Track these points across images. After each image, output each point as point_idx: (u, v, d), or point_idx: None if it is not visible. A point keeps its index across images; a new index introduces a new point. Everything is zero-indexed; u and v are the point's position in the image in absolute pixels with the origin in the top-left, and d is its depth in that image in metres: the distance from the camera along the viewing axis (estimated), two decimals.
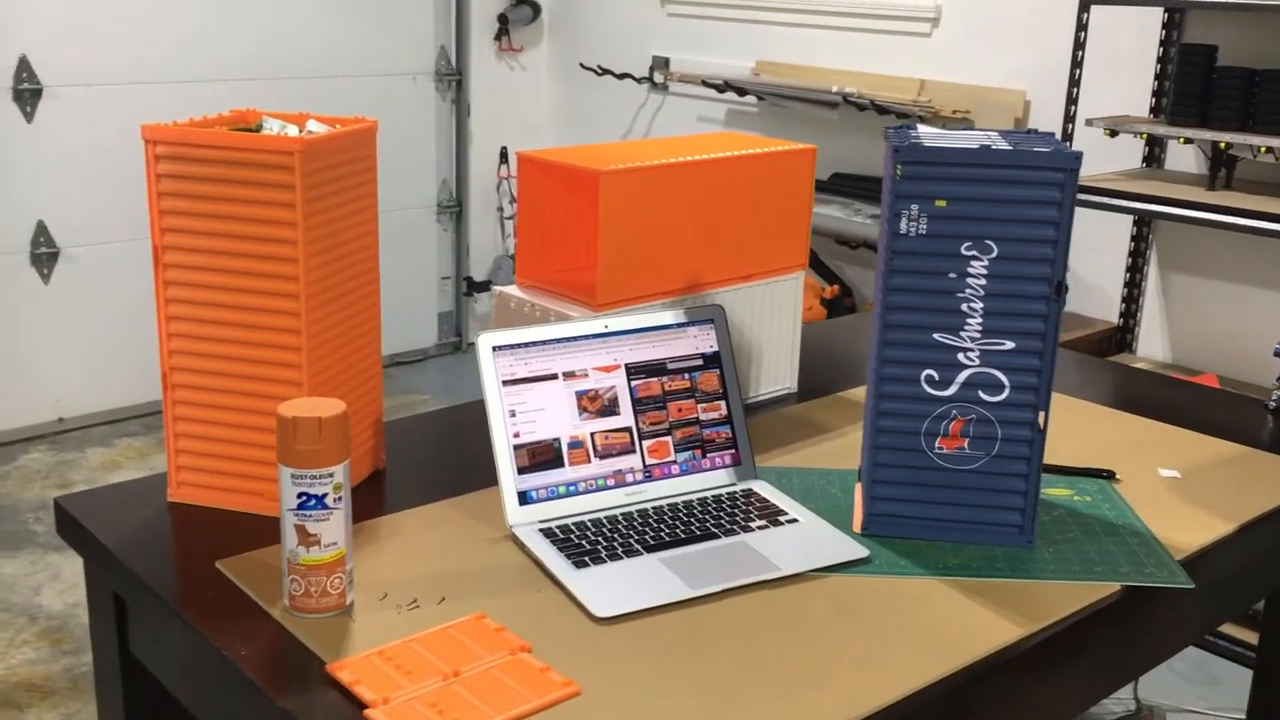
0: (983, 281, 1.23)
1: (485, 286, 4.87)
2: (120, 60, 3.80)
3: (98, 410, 3.94)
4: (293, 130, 1.34)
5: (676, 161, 1.55)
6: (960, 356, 1.26)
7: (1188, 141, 2.62)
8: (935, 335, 1.26)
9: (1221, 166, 2.64)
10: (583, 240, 1.63)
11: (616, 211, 1.50)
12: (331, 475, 1.10)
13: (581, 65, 4.58)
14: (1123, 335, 3.13)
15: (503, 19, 4.65)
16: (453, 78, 4.59)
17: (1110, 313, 3.16)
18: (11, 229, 3.69)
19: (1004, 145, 1.23)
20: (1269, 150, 2.50)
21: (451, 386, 4.46)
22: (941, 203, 1.22)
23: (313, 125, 1.35)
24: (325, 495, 1.10)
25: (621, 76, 4.34)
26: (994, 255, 1.22)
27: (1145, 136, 2.71)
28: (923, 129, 1.33)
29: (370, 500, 1.39)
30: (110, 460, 3.65)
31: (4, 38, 3.57)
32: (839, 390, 1.79)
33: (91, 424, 3.92)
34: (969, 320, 1.25)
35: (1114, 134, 2.75)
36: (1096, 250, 3.17)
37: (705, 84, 3.79)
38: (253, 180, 1.24)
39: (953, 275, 1.24)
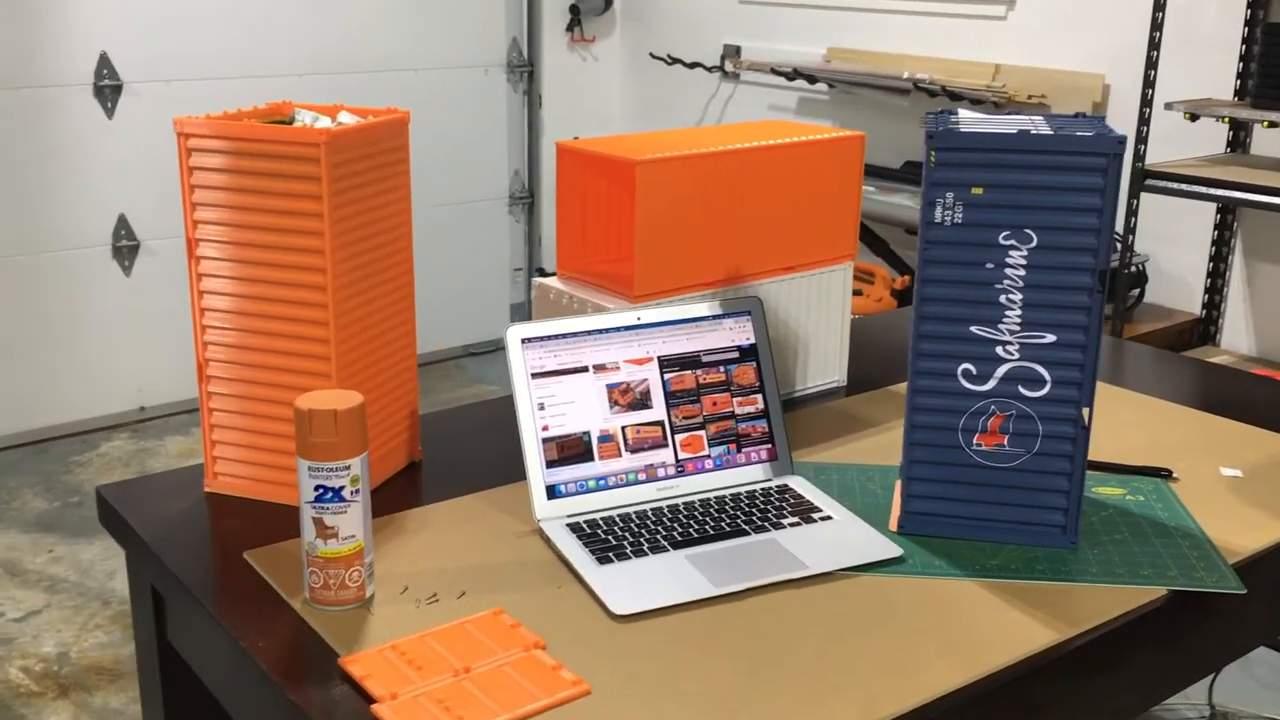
0: (1022, 272, 1.18)
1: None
2: (198, 56, 3.87)
3: (178, 400, 4.03)
4: (324, 122, 1.34)
5: (714, 150, 1.52)
6: (999, 350, 1.21)
7: (1272, 125, 2.51)
8: (972, 328, 1.21)
9: None
10: (620, 231, 1.60)
11: (653, 202, 1.48)
12: (349, 468, 1.09)
13: (651, 55, 4.55)
14: (1205, 327, 3.02)
15: (574, 10, 4.64)
16: (524, 69, 4.60)
17: (1193, 304, 3.05)
18: (94, 223, 3.78)
19: (1045, 130, 1.18)
20: None
21: None
22: (978, 190, 1.17)
23: (344, 117, 1.35)
24: (342, 488, 1.09)
25: (692, 66, 4.30)
26: (1033, 245, 1.18)
27: (1228, 120, 2.60)
28: (964, 114, 1.29)
29: (403, 493, 1.39)
30: (188, 448, 3.73)
31: (85, 35, 3.66)
32: (890, 384, 1.75)
33: (172, 413, 4.01)
34: (1008, 312, 1.20)
35: (1195, 118, 2.64)
36: (1178, 239, 3.06)
37: (774, 72, 3.74)
38: (281, 172, 1.24)
39: (990, 266, 1.19)
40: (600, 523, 1.28)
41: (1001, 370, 1.21)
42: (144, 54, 3.77)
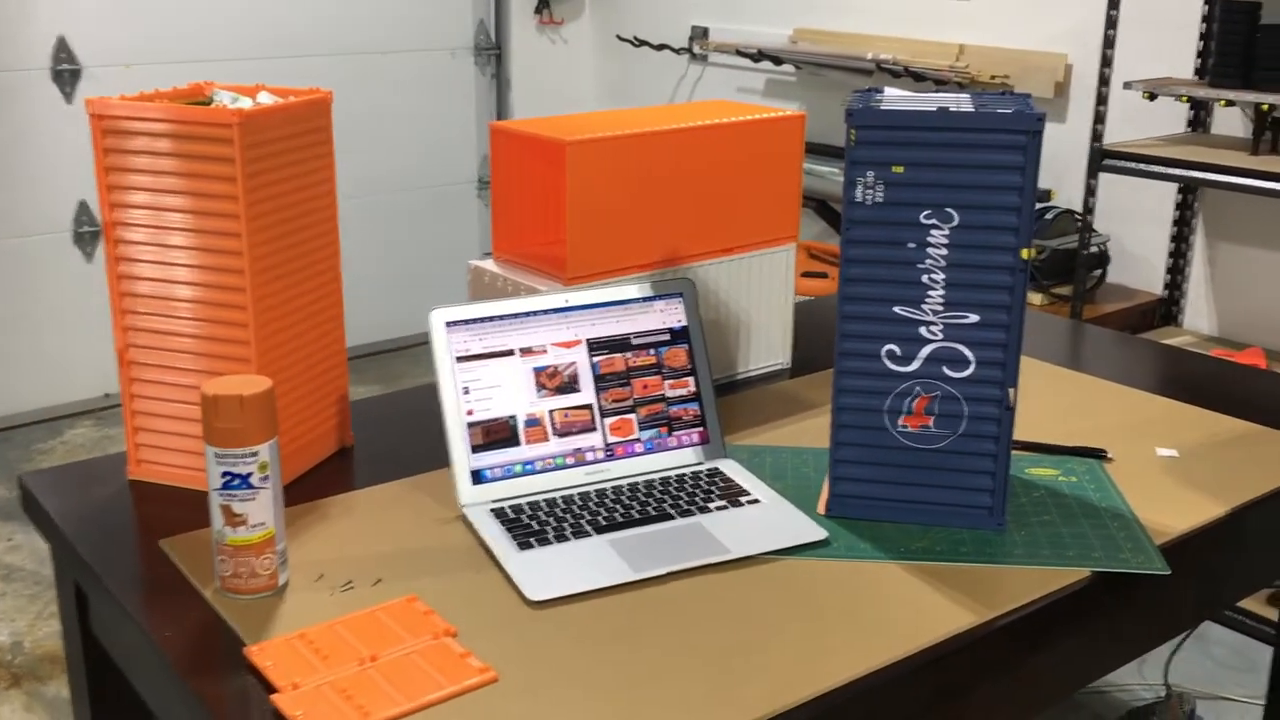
0: (944, 251, 1.17)
1: None
2: (158, 40, 3.83)
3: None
4: (244, 102, 1.32)
5: (647, 131, 1.50)
6: (922, 330, 1.20)
7: (1230, 104, 2.50)
8: (896, 308, 1.20)
9: (1265, 130, 2.51)
10: (553, 212, 1.59)
11: (585, 182, 1.46)
12: (256, 454, 1.08)
13: (618, 37, 4.52)
14: (1168, 307, 3.01)
15: None
16: (492, 52, 4.57)
17: (1155, 284, 3.04)
18: (54, 209, 3.74)
19: (966, 107, 1.16)
20: None
21: None
22: (899, 169, 1.16)
23: (263, 97, 1.33)
24: (250, 474, 1.08)
25: (659, 48, 4.28)
26: (955, 224, 1.16)
27: (1187, 100, 2.59)
28: (889, 91, 1.27)
29: (332, 479, 1.37)
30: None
31: (42, 19, 3.61)
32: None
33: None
34: (930, 292, 1.18)
35: (1153, 97, 2.63)
36: (1140, 219, 3.05)
37: (739, 53, 3.71)
38: (195, 154, 1.22)
39: (912, 245, 1.18)
40: (525, 508, 1.27)
41: (925, 351, 1.20)
42: (103, 38, 3.72)
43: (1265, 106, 2.44)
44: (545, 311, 1.35)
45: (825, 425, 1.51)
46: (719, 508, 1.27)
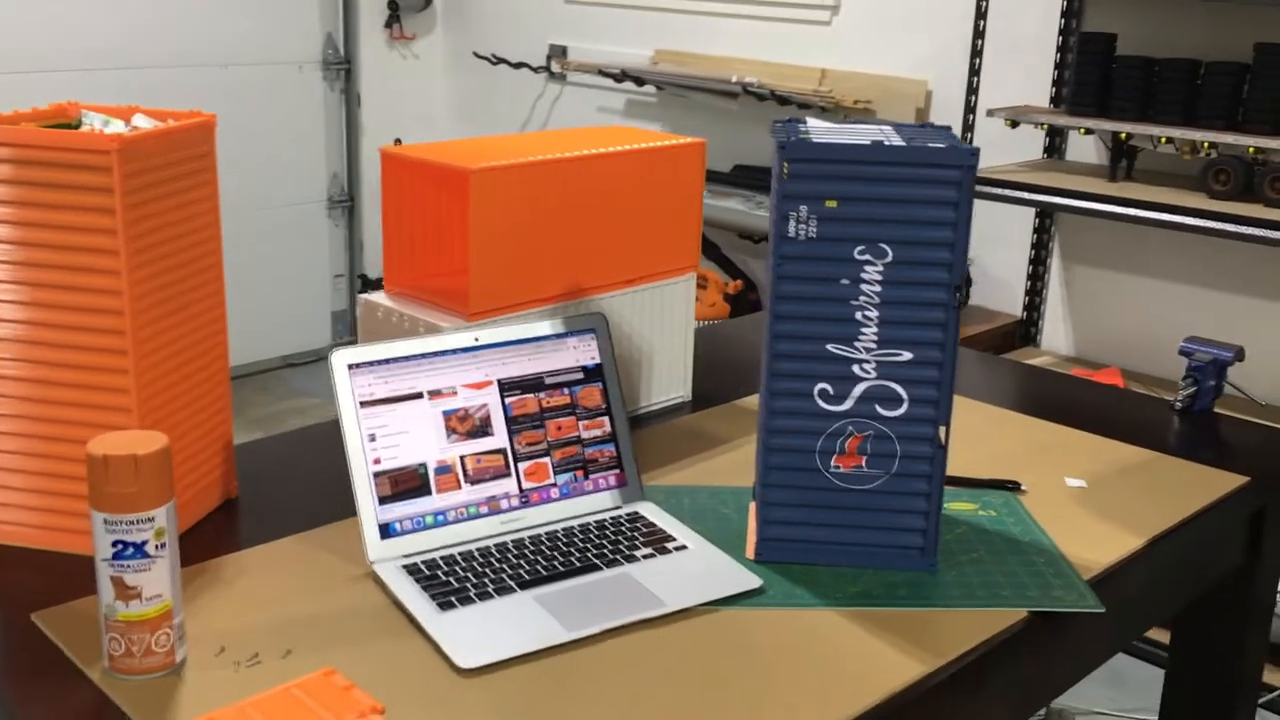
0: (877, 288, 1.14)
1: (380, 284, 4.71)
2: None
3: None
4: (116, 126, 1.20)
5: (554, 158, 1.44)
6: (856, 369, 1.17)
7: (1088, 132, 2.58)
8: (828, 346, 1.16)
9: (1122, 157, 2.60)
10: (453, 244, 1.51)
11: (489, 213, 1.39)
12: (152, 520, 0.97)
13: (475, 54, 4.43)
14: (1026, 329, 3.09)
15: (393, 5, 4.48)
16: (341, 66, 4.42)
17: (1014, 306, 3.13)
18: None
19: (897, 140, 1.14)
20: (1169, 141, 2.47)
21: None
22: (832, 203, 1.12)
23: (139, 120, 1.21)
24: (145, 543, 0.97)
25: (517, 66, 4.21)
26: (889, 259, 1.13)
27: (1046, 127, 2.66)
28: (813, 122, 1.24)
29: (217, 536, 1.26)
30: None
31: None
32: (737, 397, 1.70)
33: None
34: (864, 330, 1.15)
35: (1015, 124, 2.70)
36: (1001, 243, 3.13)
37: (602, 73, 3.68)
38: (66, 183, 1.10)
39: (845, 281, 1.14)
40: (440, 563, 1.18)
41: (859, 389, 1.17)
42: None
43: (1124, 135, 2.53)
44: (454, 351, 1.27)
45: (737, 461, 1.47)
46: (646, 556, 1.21)
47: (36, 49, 3.67)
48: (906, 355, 1.16)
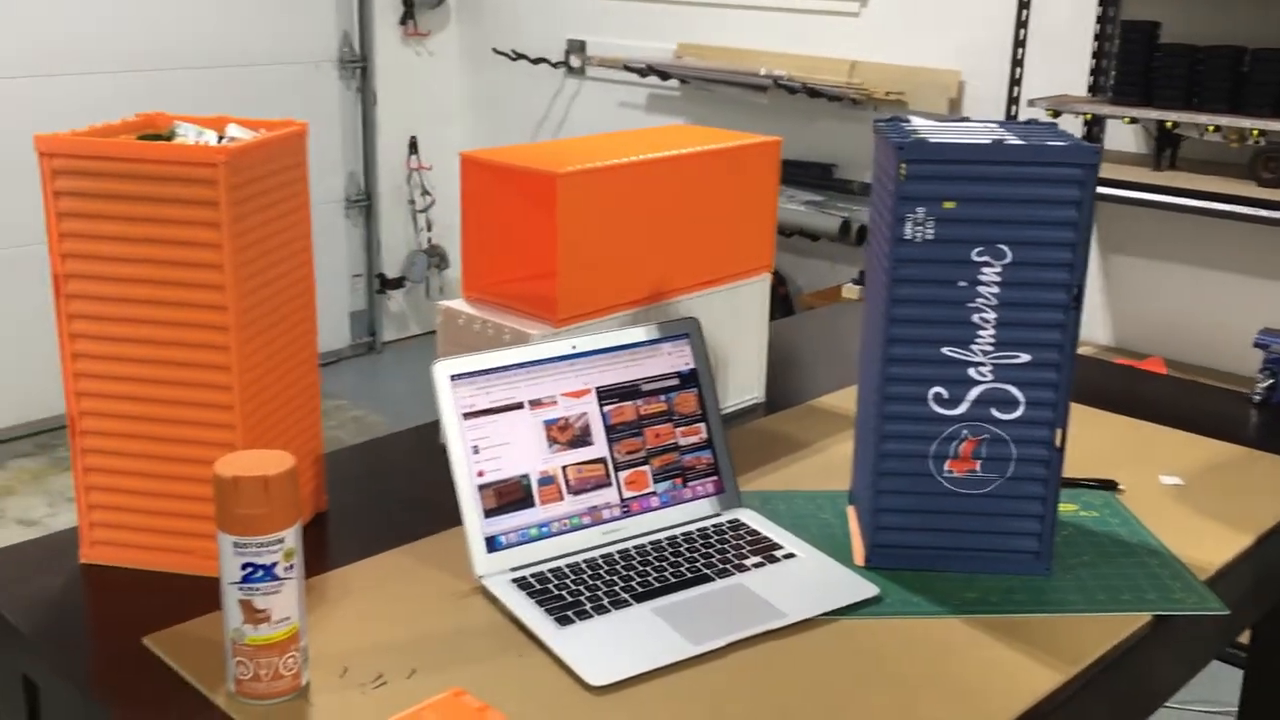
0: (995, 290, 1.12)
1: (399, 283, 4.68)
2: (3, 53, 3.52)
3: (16, 423, 3.67)
4: (211, 137, 1.18)
5: (637, 160, 1.42)
6: (971, 372, 1.15)
7: (1133, 121, 2.56)
8: (944, 349, 1.14)
9: (1167, 146, 2.59)
10: (537, 249, 1.48)
11: (576, 216, 1.36)
12: (281, 541, 0.95)
13: (495, 50, 4.40)
14: None
15: (407, 2, 4.45)
16: (357, 65, 4.38)
17: None
18: None
19: (1014, 139, 1.12)
20: (1216, 129, 2.45)
21: (367, 390, 4.27)
22: (950, 204, 1.10)
23: (234, 130, 1.18)
24: (275, 565, 0.95)
25: (536, 61, 4.18)
26: (1007, 261, 1.11)
27: (1089, 116, 2.64)
28: (917, 121, 1.22)
29: (315, 552, 1.24)
30: (2, 485, 3.40)
31: None
32: (808, 398, 1.68)
33: (10, 438, 3.65)
34: (980, 332, 1.13)
35: (1057, 114, 2.68)
36: None
37: (627, 68, 3.65)
38: (169, 196, 1.08)
39: (963, 284, 1.12)
40: (549, 576, 1.16)
41: (974, 393, 1.15)
42: None
43: (1169, 124, 2.51)
44: (551, 360, 1.25)
45: (823, 465, 1.45)
46: (756, 565, 1.19)
47: (55, 52, 3.63)
48: (1024, 357, 1.14)
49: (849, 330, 2.00)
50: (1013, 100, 2.64)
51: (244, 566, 0.94)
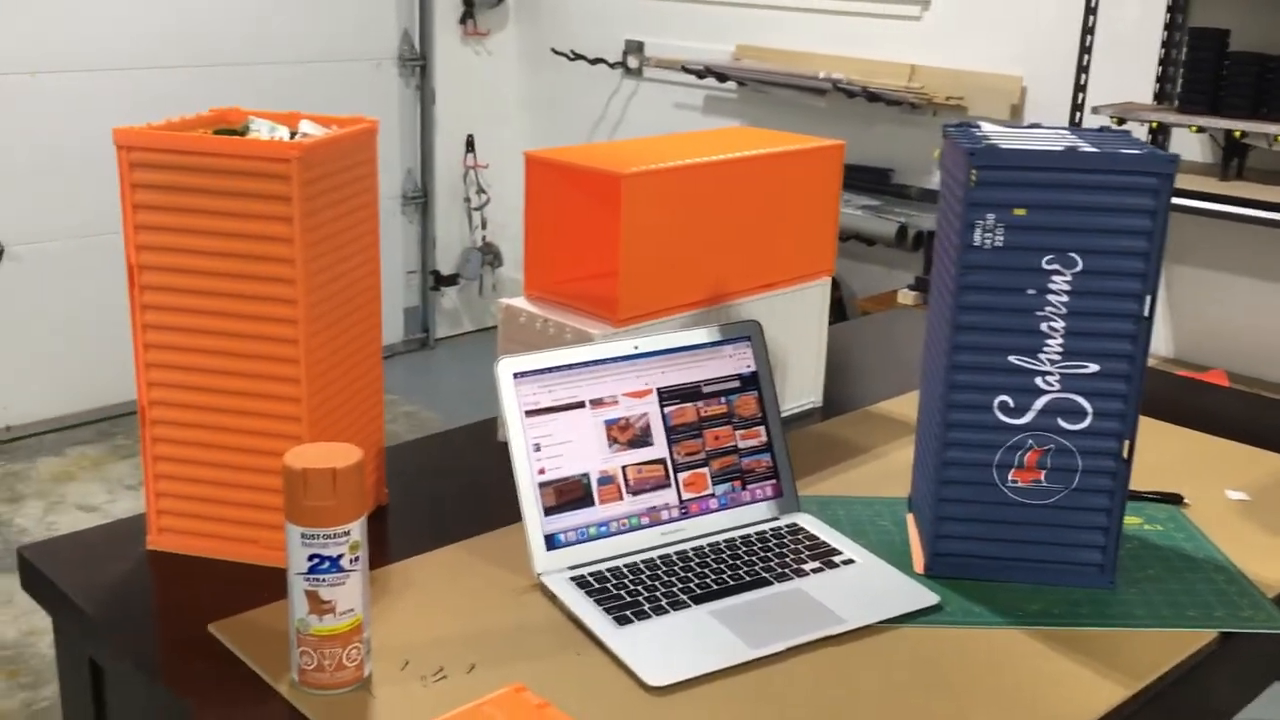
0: (1065, 299, 1.11)
1: (453, 280, 4.71)
2: (65, 47, 3.59)
3: (48, 417, 3.74)
4: (283, 132, 1.19)
5: (702, 162, 1.41)
6: (1038, 381, 1.13)
7: (1200, 130, 2.53)
8: (1011, 358, 1.13)
9: (1234, 156, 2.55)
10: (600, 248, 1.49)
11: (639, 217, 1.37)
12: (348, 534, 0.96)
13: (553, 50, 4.42)
14: None
15: (467, 2, 4.48)
16: (417, 63, 4.42)
17: None
18: None
19: (1084, 146, 1.11)
20: None
21: (420, 386, 4.30)
22: (1021, 211, 1.09)
23: (306, 126, 1.20)
24: (341, 556, 0.96)
25: (595, 62, 4.19)
26: (1078, 269, 1.10)
27: (1155, 125, 2.61)
28: (988, 127, 1.21)
29: (375, 545, 1.25)
30: (63, 471, 3.46)
31: None
32: (866, 404, 1.67)
33: (41, 431, 3.72)
34: (1049, 341, 1.12)
35: (1122, 122, 2.65)
36: None
37: (685, 70, 3.65)
38: (244, 191, 1.09)
39: (1032, 292, 1.11)
40: (608, 575, 1.17)
41: (1040, 402, 1.14)
42: (3, 44, 3.47)
43: (1238, 133, 2.47)
44: (613, 360, 1.25)
45: (881, 471, 1.44)
46: (815, 570, 1.19)
47: (123, 48, 3.69)
48: (1093, 367, 1.12)
49: (906, 336, 1.98)
50: (1077, 107, 2.61)
51: (310, 558, 0.95)
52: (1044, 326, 1.12)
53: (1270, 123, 2.43)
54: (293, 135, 1.18)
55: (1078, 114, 2.61)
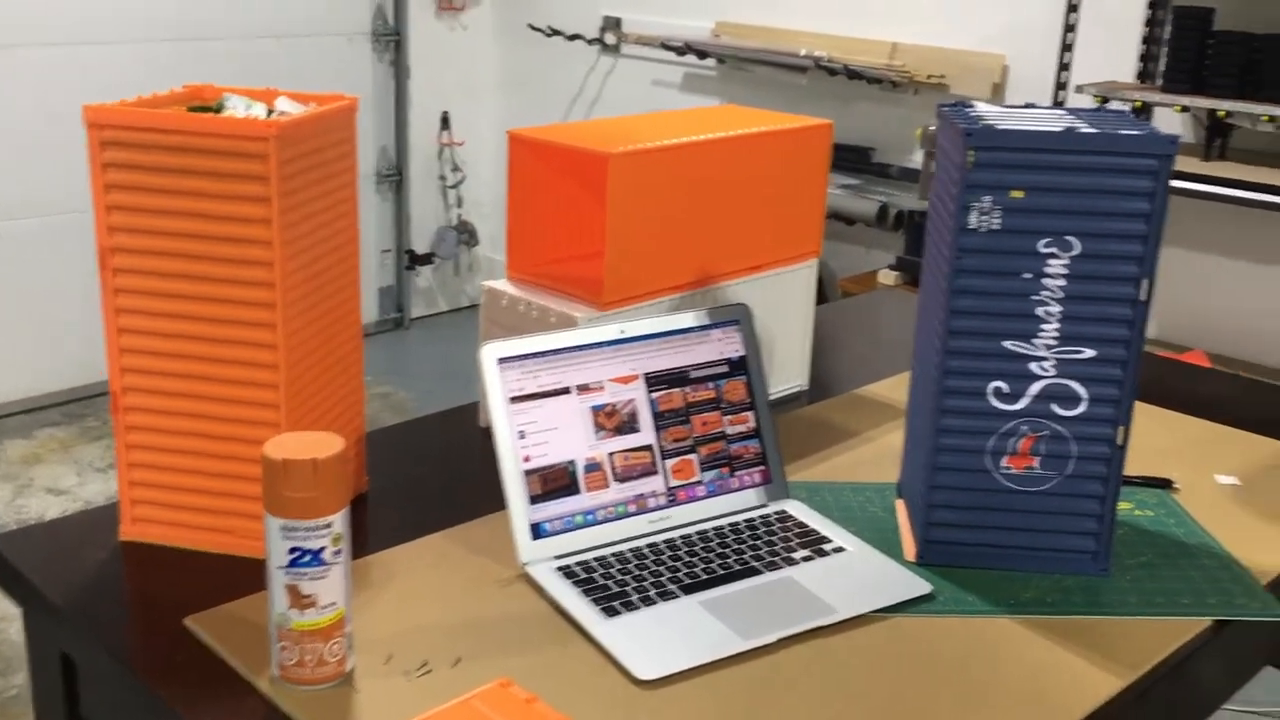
0: (1062, 282, 1.09)
1: (428, 259, 4.66)
2: (35, 21, 3.51)
3: (15, 399, 3.68)
4: (259, 110, 1.15)
5: (690, 141, 1.39)
6: (1033, 366, 1.12)
7: (1184, 109, 2.51)
8: (1005, 343, 1.11)
9: (1217, 136, 2.54)
10: (585, 229, 1.46)
11: (626, 198, 1.34)
12: (329, 526, 0.93)
13: (530, 26, 4.36)
14: None
15: None
16: (391, 38, 4.35)
17: None
18: None
19: (1087, 127, 1.08)
20: (1271, 119, 2.40)
21: (394, 366, 4.26)
22: (1018, 194, 1.07)
23: (283, 104, 1.16)
24: (322, 549, 0.93)
25: (572, 38, 4.14)
26: (1075, 253, 1.08)
27: (1139, 104, 2.59)
28: (982, 107, 1.18)
29: (355, 534, 1.22)
30: (30, 453, 3.40)
31: None
32: (851, 387, 1.65)
33: (7, 413, 3.66)
34: (1044, 326, 1.10)
35: (1105, 101, 2.63)
36: None
37: (665, 46, 3.61)
38: (219, 171, 1.05)
39: (1028, 275, 1.09)
40: (594, 565, 1.14)
41: (1035, 388, 1.12)
42: None
43: (1222, 113, 2.46)
44: (600, 344, 1.22)
45: (871, 456, 1.43)
46: (805, 558, 1.17)
47: (86, 20, 3.61)
48: (1089, 352, 1.11)
49: (891, 318, 1.97)
50: (1060, 86, 2.59)
51: (291, 551, 0.92)
52: (1039, 311, 1.10)
53: (1255, 102, 2.42)
54: (269, 113, 1.15)
55: (1061, 93, 2.59)
